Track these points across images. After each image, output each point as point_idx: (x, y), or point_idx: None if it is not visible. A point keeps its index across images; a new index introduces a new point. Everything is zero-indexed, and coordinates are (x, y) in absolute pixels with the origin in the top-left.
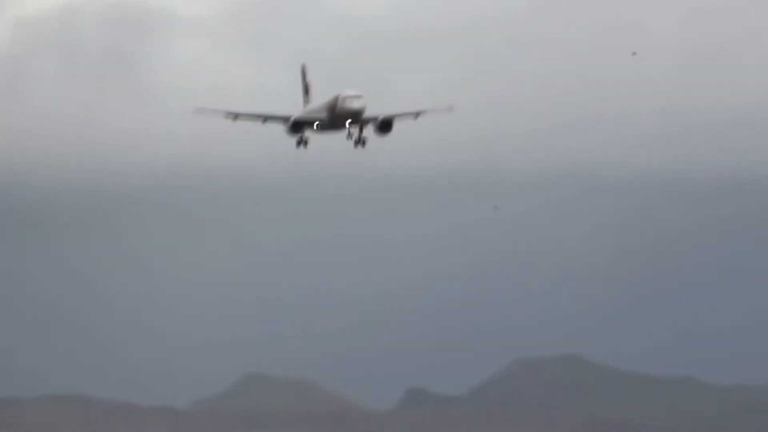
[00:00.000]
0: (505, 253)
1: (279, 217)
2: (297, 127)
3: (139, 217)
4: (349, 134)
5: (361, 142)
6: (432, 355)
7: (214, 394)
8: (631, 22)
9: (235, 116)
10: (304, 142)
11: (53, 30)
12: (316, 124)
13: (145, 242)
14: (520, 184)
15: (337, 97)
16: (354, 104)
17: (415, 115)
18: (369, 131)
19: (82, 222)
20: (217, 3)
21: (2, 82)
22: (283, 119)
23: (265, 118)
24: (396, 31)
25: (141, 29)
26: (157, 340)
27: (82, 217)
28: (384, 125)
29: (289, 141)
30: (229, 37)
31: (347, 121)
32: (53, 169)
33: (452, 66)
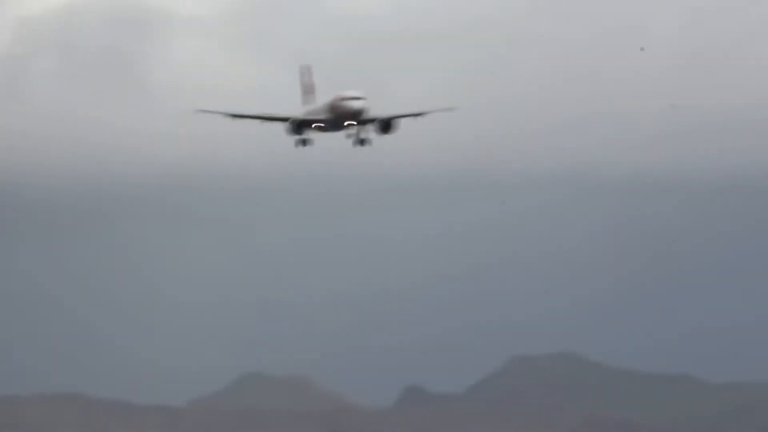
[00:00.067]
0: (503, 253)
1: (278, 217)
2: (298, 127)
3: (138, 216)
4: (350, 134)
5: (362, 142)
6: (429, 353)
7: (212, 392)
8: (631, 22)
9: (236, 117)
10: (303, 142)
11: (54, 30)
12: (318, 125)
13: (142, 241)
14: (520, 184)
15: (338, 98)
16: (354, 105)
17: (416, 116)
18: (371, 132)
19: (80, 220)
20: (218, 3)
21: (2, 81)
22: (284, 120)
23: (265, 119)
24: (396, 31)
25: (141, 29)
26: (155, 339)
27: (80, 216)
28: (386, 126)
29: (289, 141)
30: (229, 37)
31: (348, 122)
32: (52, 169)
33: (452, 66)
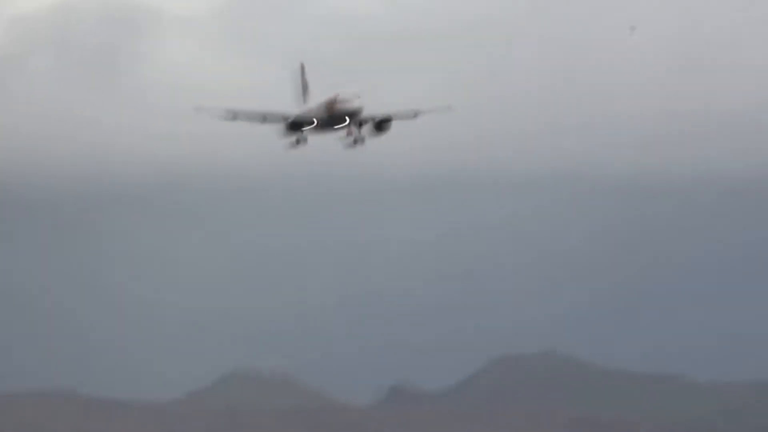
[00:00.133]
0: (498, 252)
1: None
2: (295, 126)
3: (132, 215)
4: (347, 134)
5: (358, 141)
6: (415, 352)
7: (198, 390)
8: (631, 22)
9: (234, 115)
10: (298, 141)
11: (48, 28)
12: (314, 124)
13: (134, 240)
14: (520, 184)
15: (335, 97)
16: (352, 104)
17: (414, 115)
18: (367, 131)
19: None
20: (215, 2)
21: None
22: (282, 118)
23: (263, 117)
24: (396, 31)
25: (136, 28)
26: (142, 337)
27: (75, 214)
28: (381, 125)
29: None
30: (226, 36)
31: (345, 121)
32: (47, 168)
33: (452, 66)
